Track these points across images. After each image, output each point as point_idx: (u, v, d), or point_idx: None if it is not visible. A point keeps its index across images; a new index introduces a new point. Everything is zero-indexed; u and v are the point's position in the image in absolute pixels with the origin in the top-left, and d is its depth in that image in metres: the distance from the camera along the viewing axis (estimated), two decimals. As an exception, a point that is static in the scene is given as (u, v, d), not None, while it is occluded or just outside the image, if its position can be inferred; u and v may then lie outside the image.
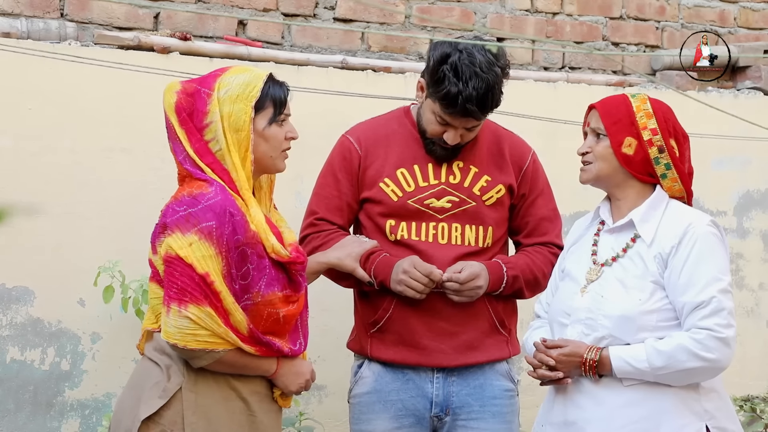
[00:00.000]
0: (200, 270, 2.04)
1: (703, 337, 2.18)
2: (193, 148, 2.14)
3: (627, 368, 2.22)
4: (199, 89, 2.16)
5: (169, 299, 2.05)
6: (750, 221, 4.13)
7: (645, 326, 2.23)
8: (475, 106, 2.41)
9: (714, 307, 2.19)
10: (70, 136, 3.09)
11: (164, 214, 2.13)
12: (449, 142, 2.51)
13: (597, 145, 2.35)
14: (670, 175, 2.32)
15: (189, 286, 2.03)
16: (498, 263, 2.57)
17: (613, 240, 2.36)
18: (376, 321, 2.59)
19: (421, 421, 2.59)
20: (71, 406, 3.08)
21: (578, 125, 3.69)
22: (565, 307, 2.36)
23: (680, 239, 2.25)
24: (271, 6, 3.61)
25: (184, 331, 2.04)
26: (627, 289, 2.27)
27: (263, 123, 2.18)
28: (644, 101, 2.34)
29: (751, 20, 4.44)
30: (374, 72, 3.55)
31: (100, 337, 3.11)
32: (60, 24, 3.24)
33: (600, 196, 3.74)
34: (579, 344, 2.28)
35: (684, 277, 2.22)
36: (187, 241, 2.05)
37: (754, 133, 3.39)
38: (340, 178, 2.62)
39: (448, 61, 2.41)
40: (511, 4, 3.99)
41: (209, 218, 2.06)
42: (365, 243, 2.54)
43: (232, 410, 2.15)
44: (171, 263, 2.06)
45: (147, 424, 2.10)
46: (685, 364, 2.19)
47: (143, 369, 2.20)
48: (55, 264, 3.05)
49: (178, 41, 3.27)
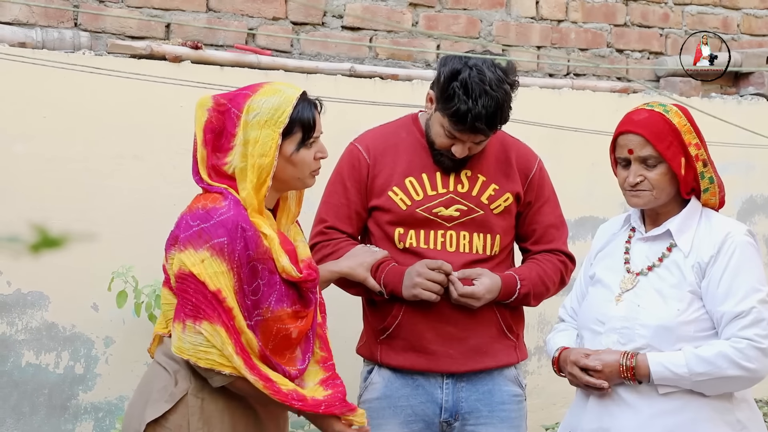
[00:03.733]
0: (212, 287, 2.04)
1: (744, 347, 2.17)
2: (207, 171, 2.14)
3: (666, 374, 2.21)
4: (230, 108, 2.14)
5: (185, 316, 2.06)
6: (753, 226, 4.17)
7: (683, 336, 2.22)
8: (484, 124, 2.43)
9: (754, 317, 2.18)
10: (83, 143, 3.13)
11: (178, 225, 2.13)
12: (457, 155, 2.52)
13: (650, 172, 2.26)
14: (712, 189, 2.30)
15: (203, 303, 2.04)
16: (514, 279, 2.59)
17: (648, 249, 2.34)
18: (386, 327, 2.61)
19: (431, 427, 2.61)
20: (85, 408, 3.13)
21: (583, 132, 3.74)
22: (598, 314, 2.34)
23: (719, 249, 2.23)
24: (280, 15, 3.66)
25: (198, 347, 2.06)
26: (665, 299, 2.25)
27: (291, 148, 2.15)
28: (679, 115, 2.27)
29: (754, 27, 4.48)
30: (382, 79, 3.59)
31: (113, 341, 3.15)
32: (74, 34, 3.29)
33: (605, 204, 3.78)
34: (612, 351, 2.27)
35: (723, 287, 2.20)
36: (200, 258, 2.05)
37: (757, 139, 3.43)
38: (348, 186, 2.63)
39: (458, 78, 2.41)
40: (517, 11, 4.03)
41: (221, 234, 2.05)
42: (376, 253, 2.56)
43: (238, 417, 2.16)
44: (184, 280, 2.07)
45: (153, 427, 2.12)
46: (726, 372, 2.18)
47: (152, 373, 2.22)
48: (69, 269, 3.09)
49: (190, 50, 3.32)
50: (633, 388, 2.26)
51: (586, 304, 2.45)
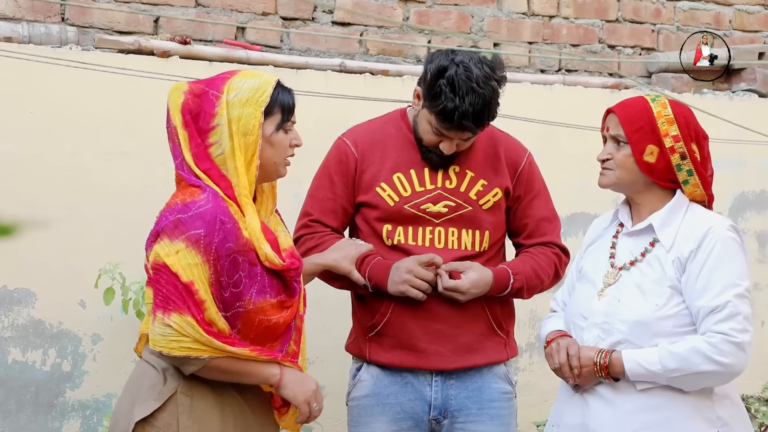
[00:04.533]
0: (185, 278, 2.03)
1: (717, 341, 2.17)
2: (191, 152, 2.13)
3: (640, 370, 2.21)
4: (207, 90, 2.15)
5: (155, 306, 2.06)
6: (745, 222, 4.17)
7: (661, 332, 2.22)
8: (471, 122, 2.42)
9: (729, 311, 2.17)
10: (71, 139, 3.11)
11: (157, 222, 2.13)
12: (445, 152, 2.51)
13: (617, 152, 2.31)
14: (692, 180, 2.29)
15: (173, 294, 2.03)
16: (507, 273, 2.57)
17: (632, 243, 2.34)
18: (374, 325, 2.60)
19: (420, 424, 2.60)
20: (72, 406, 3.11)
21: (575, 127, 3.73)
22: (582, 309, 2.35)
23: (699, 243, 2.22)
24: (269, 10, 3.63)
25: (168, 338, 2.05)
26: (644, 294, 2.25)
27: (271, 129, 2.17)
28: (665, 106, 2.29)
29: (746, 23, 4.47)
30: (372, 75, 3.57)
31: (100, 338, 3.13)
32: (61, 28, 3.27)
33: (597, 200, 3.77)
34: (589, 349, 2.28)
35: (701, 282, 2.20)
36: (174, 249, 2.04)
37: (749, 135, 3.42)
38: (335, 180, 2.62)
39: (445, 76, 2.40)
40: (508, 7, 4.02)
41: (198, 226, 2.04)
42: (361, 246, 2.55)
43: (227, 415, 2.15)
44: (158, 270, 2.06)
45: (142, 426, 2.11)
46: (699, 367, 2.17)
47: (140, 371, 2.21)
48: (56, 266, 3.07)
49: (178, 45, 3.30)
50: (612, 384, 2.26)
51: (572, 298, 2.45)
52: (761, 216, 4.23)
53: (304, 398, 2.20)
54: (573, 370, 2.29)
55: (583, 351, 2.29)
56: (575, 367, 2.28)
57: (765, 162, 4.17)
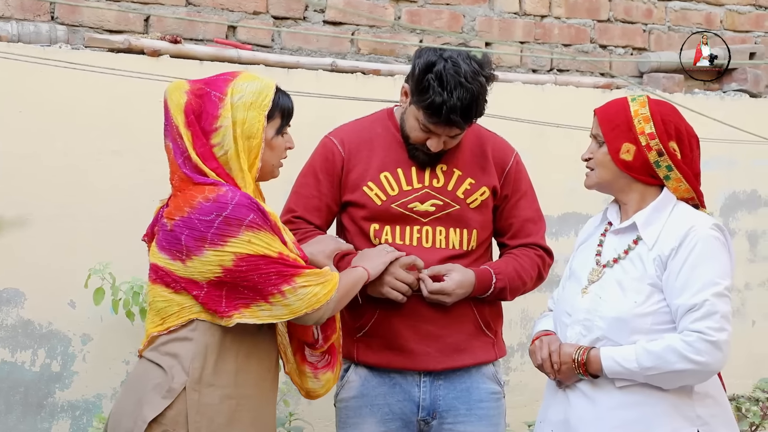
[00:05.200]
0: (274, 254, 2.13)
1: (693, 340, 2.17)
2: (197, 151, 2.15)
3: (616, 368, 2.22)
4: (209, 91, 2.17)
5: (274, 286, 2.12)
6: (736, 222, 4.18)
7: (639, 329, 2.23)
8: (459, 116, 2.42)
9: (707, 310, 2.18)
10: (60, 138, 3.10)
11: (190, 225, 2.11)
12: (432, 149, 2.51)
13: (597, 151, 2.35)
14: (673, 176, 2.30)
15: (279, 268, 2.13)
16: (489, 273, 2.57)
17: (617, 241, 2.36)
18: (362, 326, 2.60)
19: (408, 425, 2.60)
20: (62, 407, 3.10)
21: (566, 128, 3.73)
22: (567, 306, 2.38)
23: (681, 242, 2.23)
24: (261, 9, 3.63)
25: (306, 298, 2.15)
26: (624, 291, 2.27)
27: (272, 132, 2.23)
28: (643, 104, 2.32)
29: (737, 23, 4.48)
30: (363, 75, 3.57)
31: (90, 338, 3.12)
32: (50, 27, 3.25)
33: (589, 200, 3.77)
34: (570, 346, 2.30)
35: (681, 280, 2.21)
36: (245, 239, 2.10)
37: (739, 135, 3.42)
38: (321, 178, 2.62)
39: (433, 70, 2.40)
40: (500, 7, 4.02)
41: (245, 213, 2.11)
42: (341, 243, 2.55)
43: (234, 408, 2.17)
44: (249, 262, 2.11)
45: (150, 425, 2.11)
46: (675, 366, 2.18)
47: (142, 370, 2.21)
48: (45, 266, 3.06)
49: (169, 44, 3.29)
50: (592, 381, 2.28)
51: (560, 296, 2.48)
52: (752, 216, 4.24)
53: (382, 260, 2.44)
54: (554, 365, 2.31)
55: (563, 348, 2.32)
56: (555, 362, 2.31)
57: (756, 162, 4.18)
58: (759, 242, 4.26)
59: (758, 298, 4.24)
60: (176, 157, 2.17)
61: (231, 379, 2.17)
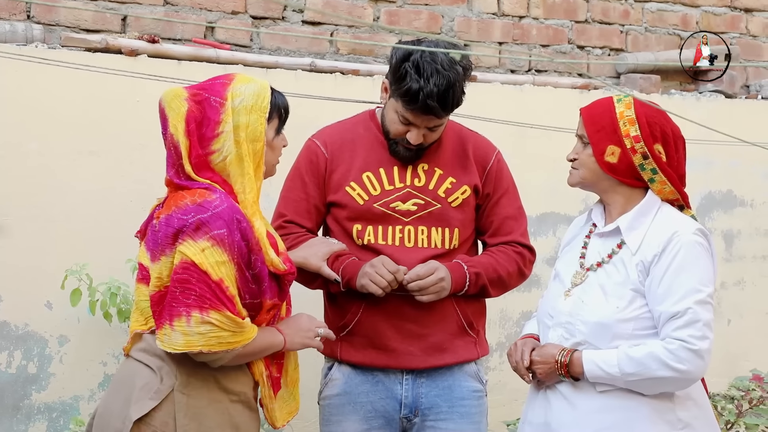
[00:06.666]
0: (215, 276, 2.05)
1: (675, 348, 2.17)
2: (191, 162, 2.13)
3: (598, 372, 2.22)
4: (208, 97, 2.15)
5: (188, 307, 2.05)
6: (712, 221, 4.21)
7: (620, 334, 2.23)
8: (436, 102, 2.43)
9: (689, 318, 2.17)
10: (37, 138, 3.07)
11: (168, 223, 2.11)
12: (412, 142, 2.52)
13: (582, 152, 2.34)
14: (657, 179, 2.30)
15: (207, 292, 2.04)
16: (458, 262, 2.58)
17: (601, 244, 2.35)
18: (346, 324, 2.60)
19: (391, 423, 2.61)
20: (38, 409, 3.07)
21: (545, 128, 3.74)
22: (549, 308, 2.38)
23: (664, 247, 2.22)
24: (239, 9, 3.61)
25: (208, 335, 2.05)
26: (606, 296, 2.26)
27: (272, 133, 2.23)
28: (629, 106, 2.30)
29: (713, 24, 4.52)
30: (343, 75, 3.56)
31: (67, 339, 3.10)
32: (27, 26, 3.22)
33: (567, 200, 3.79)
34: (553, 346, 2.31)
35: (663, 287, 2.20)
36: (200, 247, 2.05)
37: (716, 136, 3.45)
38: (307, 181, 2.63)
39: (410, 59, 2.43)
40: (478, 7, 4.03)
41: (220, 225, 2.06)
42: (333, 244, 2.56)
43: (221, 411, 2.16)
44: (186, 269, 2.06)
45: (137, 425, 2.10)
46: (656, 373, 2.18)
47: (130, 370, 2.20)
48: (22, 267, 3.03)
49: (146, 44, 3.27)
50: (572, 383, 2.28)
51: (544, 298, 2.48)
52: (728, 215, 4.28)
53: (309, 337, 2.30)
54: (534, 365, 2.32)
55: (546, 347, 2.32)
56: (525, 360, 2.32)
57: (732, 162, 4.22)
58: (734, 242, 4.30)
59: (734, 298, 4.28)
60: (170, 166, 2.16)
61: (218, 383, 2.17)
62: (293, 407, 2.34)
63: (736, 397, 3.90)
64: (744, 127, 3.95)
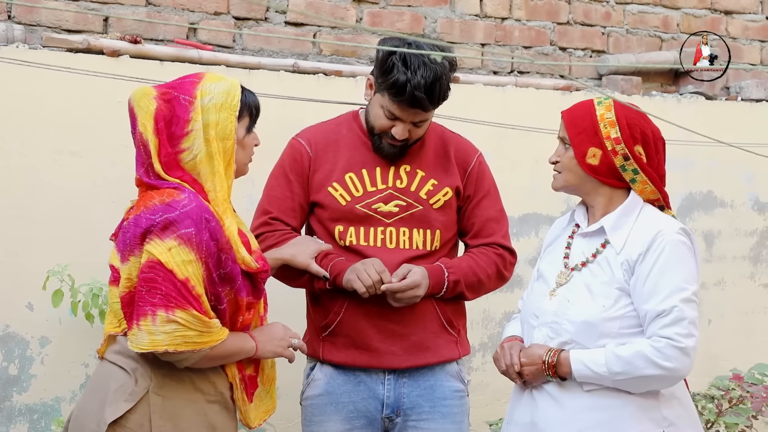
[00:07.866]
0: (180, 276, 2.04)
1: (662, 346, 2.19)
2: (161, 161, 2.13)
3: (586, 372, 2.24)
4: (177, 95, 2.15)
5: (153, 306, 2.04)
6: (692, 222, 4.24)
7: (607, 333, 2.25)
8: (424, 93, 2.44)
9: (675, 316, 2.20)
10: (18, 139, 3.06)
11: (136, 224, 2.10)
12: (397, 136, 2.53)
13: (564, 155, 2.36)
14: (639, 179, 2.32)
15: (173, 291, 2.04)
16: (440, 268, 2.59)
17: (585, 244, 2.37)
18: (328, 324, 2.61)
19: (373, 423, 2.62)
20: (20, 410, 3.05)
21: (527, 129, 3.76)
22: (534, 308, 2.39)
23: (648, 247, 2.25)
24: (222, 10, 3.61)
25: (174, 334, 2.04)
26: (592, 295, 2.28)
27: (242, 132, 2.23)
28: (609, 108, 2.32)
29: (693, 26, 4.55)
30: (325, 76, 3.57)
31: (49, 341, 3.08)
32: (7, 26, 3.21)
33: (549, 201, 3.81)
34: (539, 347, 2.32)
35: (649, 285, 2.22)
36: (166, 246, 2.05)
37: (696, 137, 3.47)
38: (291, 179, 2.63)
39: (397, 53, 2.44)
40: (461, 9, 4.04)
41: (188, 225, 2.06)
42: (321, 243, 2.57)
43: (197, 412, 2.16)
44: (153, 268, 2.05)
45: (112, 428, 2.10)
46: (643, 371, 2.20)
47: (105, 373, 2.19)
48: (3, 267, 3.02)
49: (128, 44, 3.26)
50: (560, 383, 2.29)
51: (527, 298, 2.49)
52: (708, 216, 4.31)
53: (282, 347, 2.26)
54: (521, 366, 2.33)
55: (532, 348, 2.33)
56: (515, 364, 2.33)
57: (712, 163, 4.25)
58: (715, 242, 4.34)
59: (714, 298, 4.31)
60: (139, 165, 2.15)
61: (194, 384, 2.16)
62: (270, 406, 2.34)
63: (716, 396, 3.93)
64: (724, 129, 3.99)
